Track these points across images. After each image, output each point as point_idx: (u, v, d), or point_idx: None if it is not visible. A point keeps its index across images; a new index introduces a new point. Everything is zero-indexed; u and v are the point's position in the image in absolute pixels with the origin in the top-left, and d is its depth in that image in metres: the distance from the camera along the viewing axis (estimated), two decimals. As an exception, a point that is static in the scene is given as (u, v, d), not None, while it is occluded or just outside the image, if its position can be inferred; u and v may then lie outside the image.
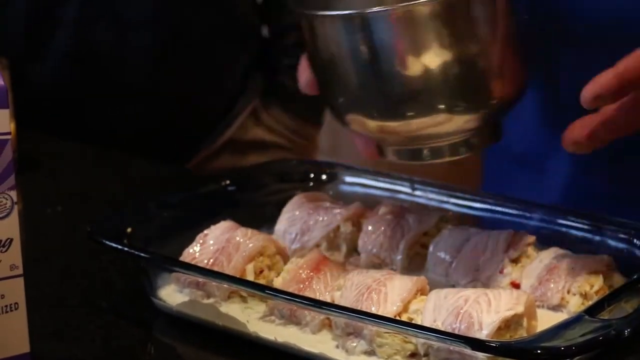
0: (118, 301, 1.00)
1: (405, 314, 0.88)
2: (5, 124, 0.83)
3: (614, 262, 0.94)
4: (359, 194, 1.09)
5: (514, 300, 0.85)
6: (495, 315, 0.84)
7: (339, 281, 0.92)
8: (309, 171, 1.13)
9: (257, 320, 0.92)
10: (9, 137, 0.83)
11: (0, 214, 0.84)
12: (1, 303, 0.84)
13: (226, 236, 0.97)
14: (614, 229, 0.97)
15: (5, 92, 0.83)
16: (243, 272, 0.95)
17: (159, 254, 0.96)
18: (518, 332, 0.85)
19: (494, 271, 0.95)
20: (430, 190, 1.07)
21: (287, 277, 0.93)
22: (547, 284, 0.93)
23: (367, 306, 0.88)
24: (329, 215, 1.03)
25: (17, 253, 0.85)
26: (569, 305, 0.92)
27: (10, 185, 0.83)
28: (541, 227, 1.00)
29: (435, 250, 0.99)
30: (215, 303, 0.94)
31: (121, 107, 1.58)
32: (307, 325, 0.90)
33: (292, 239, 1.02)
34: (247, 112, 1.68)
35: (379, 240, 1.00)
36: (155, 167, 1.42)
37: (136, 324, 0.96)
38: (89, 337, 0.94)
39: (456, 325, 0.84)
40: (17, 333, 0.86)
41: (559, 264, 0.94)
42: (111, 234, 0.97)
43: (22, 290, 0.85)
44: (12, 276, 0.85)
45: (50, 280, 1.02)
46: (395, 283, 0.89)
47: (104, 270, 1.04)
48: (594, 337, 0.79)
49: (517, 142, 1.14)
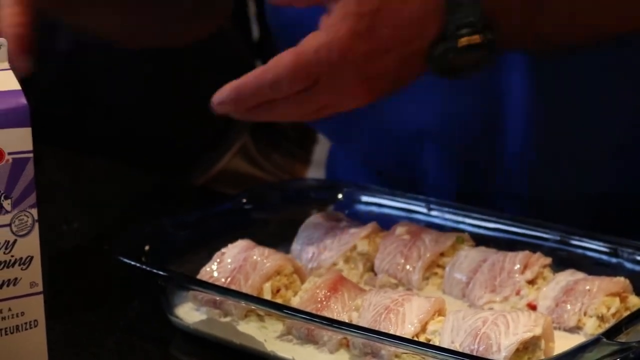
0: (135, 319, 1.00)
1: (423, 334, 0.88)
2: (27, 142, 0.83)
3: (631, 285, 0.94)
4: (375, 213, 1.09)
5: (532, 322, 0.85)
6: (513, 337, 0.84)
7: (356, 301, 0.92)
8: (325, 191, 1.13)
9: (275, 339, 0.92)
10: (30, 155, 0.83)
11: (22, 231, 0.84)
12: (21, 320, 0.84)
13: (243, 255, 0.97)
14: (630, 251, 0.97)
15: (26, 111, 0.83)
16: (260, 290, 0.95)
17: (176, 272, 0.96)
18: (536, 355, 0.85)
19: (510, 292, 0.95)
20: (446, 211, 1.07)
21: (304, 297, 0.93)
22: (563, 305, 0.92)
23: (385, 326, 0.88)
24: (345, 235, 1.03)
25: (37, 270, 0.85)
26: (585, 327, 0.91)
27: (31, 203, 0.84)
28: (557, 248, 1.00)
29: (452, 271, 0.99)
30: (233, 322, 0.94)
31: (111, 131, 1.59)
32: (324, 345, 0.90)
33: (308, 259, 1.02)
34: (237, 147, 1.68)
35: (396, 260, 1.00)
36: (171, 184, 1.42)
37: (153, 341, 0.96)
38: (106, 354, 0.94)
39: (474, 347, 0.84)
40: (37, 349, 0.86)
41: (576, 285, 0.93)
42: (129, 252, 0.96)
43: (42, 307, 0.85)
44: (32, 293, 0.85)
45: (68, 297, 1.02)
46: (414, 304, 0.89)
47: (122, 287, 1.04)
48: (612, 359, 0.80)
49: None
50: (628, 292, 0.93)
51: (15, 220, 0.83)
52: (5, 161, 0.82)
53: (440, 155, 1.17)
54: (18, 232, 0.83)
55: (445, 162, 1.17)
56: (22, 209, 0.83)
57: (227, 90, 0.97)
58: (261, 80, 0.95)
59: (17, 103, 0.82)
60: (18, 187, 0.83)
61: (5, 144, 0.82)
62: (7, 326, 0.84)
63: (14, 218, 0.83)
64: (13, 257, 0.83)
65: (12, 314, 0.84)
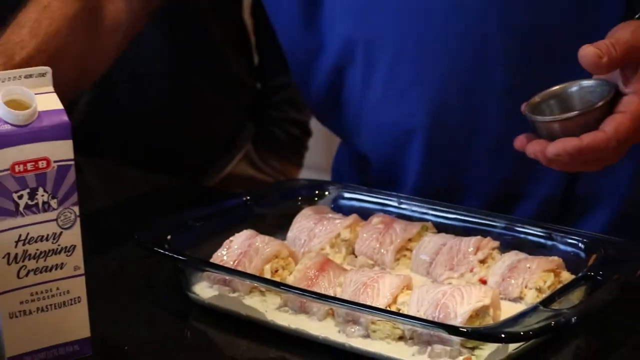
0: (160, 295, 0.99)
1: (394, 305, 0.88)
2: (69, 152, 0.83)
3: (563, 263, 0.94)
4: (356, 207, 1.08)
5: (482, 294, 0.86)
6: (467, 307, 0.84)
7: (340, 278, 0.92)
8: (314, 189, 1.12)
9: (274, 310, 0.92)
10: (72, 162, 0.84)
11: (66, 225, 0.85)
12: (67, 297, 0.85)
13: (248, 242, 0.97)
14: (562, 235, 0.97)
15: (68, 126, 0.83)
16: (262, 271, 0.95)
17: (193, 257, 0.96)
18: (485, 320, 0.85)
19: (465, 270, 0.95)
20: (413, 204, 1.06)
21: (297, 276, 0.93)
22: (508, 280, 0.92)
23: (363, 299, 0.88)
24: (331, 225, 1.03)
25: (79, 257, 0.85)
26: (526, 297, 0.92)
27: (73, 202, 0.84)
28: (504, 233, 1.00)
29: (418, 253, 0.99)
30: (239, 297, 0.94)
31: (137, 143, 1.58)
32: (314, 315, 0.90)
33: (301, 244, 1.02)
34: (241, 154, 1.67)
35: (372, 245, 1.00)
36: (187, 185, 1.42)
37: (175, 314, 0.96)
38: (137, 324, 0.94)
39: (436, 314, 0.85)
40: (80, 321, 0.86)
41: (518, 264, 0.94)
42: (154, 240, 0.97)
43: (84, 287, 0.86)
44: (76, 275, 0.86)
45: (105, 279, 1.02)
46: (386, 280, 0.89)
47: (148, 270, 1.04)
48: (547, 323, 0.80)
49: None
50: (561, 268, 0.94)
51: (61, 216, 0.84)
52: (51, 168, 0.83)
53: (424, 152, 1.13)
54: (63, 225, 0.84)
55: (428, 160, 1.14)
56: (66, 207, 0.84)
57: (571, 148, 0.88)
58: (605, 145, 0.88)
59: (61, 120, 0.83)
60: (62, 189, 0.83)
61: (51, 154, 0.82)
62: (56, 302, 0.85)
63: (59, 214, 0.84)
64: (59, 246, 0.84)
65: (59, 292, 0.85)
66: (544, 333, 0.82)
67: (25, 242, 0.83)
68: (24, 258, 0.83)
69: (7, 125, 0.81)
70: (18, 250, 0.83)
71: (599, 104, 0.89)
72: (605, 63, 0.88)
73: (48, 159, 0.82)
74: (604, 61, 0.88)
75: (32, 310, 0.84)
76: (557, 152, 0.88)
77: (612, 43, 0.89)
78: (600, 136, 0.88)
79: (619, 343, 0.89)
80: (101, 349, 0.88)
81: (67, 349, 0.86)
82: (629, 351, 0.88)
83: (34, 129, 0.81)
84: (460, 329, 0.81)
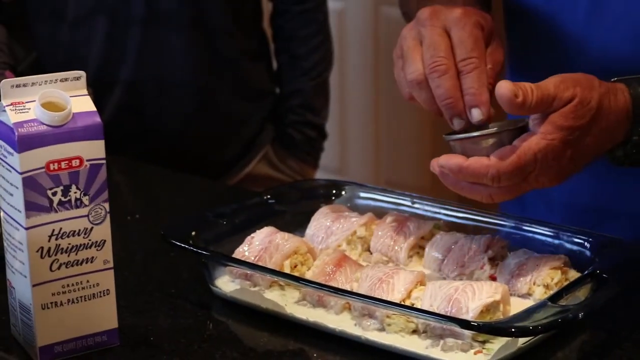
0: (184, 288, 0.99)
1: (408, 299, 0.88)
2: (101, 151, 0.84)
3: (570, 261, 0.94)
4: (371, 206, 1.08)
5: (493, 290, 0.85)
6: (478, 302, 0.84)
7: (356, 274, 0.92)
8: (331, 188, 1.12)
9: (293, 304, 0.92)
10: (103, 161, 0.84)
11: (96, 220, 0.85)
12: (97, 289, 0.86)
13: (268, 238, 0.97)
14: (570, 234, 0.97)
15: (100, 127, 0.84)
16: (281, 266, 0.95)
17: (216, 252, 0.96)
18: (496, 315, 0.85)
19: (476, 267, 0.95)
20: (426, 204, 1.06)
21: (316, 271, 0.93)
22: (517, 277, 0.92)
23: (379, 294, 0.88)
24: (347, 223, 1.02)
25: (108, 251, 0.86)
26: (534, 294, 0.91)
27: (104, 199, 0.85)
28: (513, 232, 0.99)
29: (430, 251, 0.98)
30: (260, 290, 0.94)
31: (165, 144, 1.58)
32: (331, 308, 0.90)
33: (319, 241, 1.02)
34: (261, 155, 1.68)
35: (387, 242, 1.00)
36: (211, 184, 1.42)
37: (198, 306, 0.96)
38: (162, 316, 0.94)
39: (448, 309, 0.84)
40: (108, 312, 0.87)
41: (527, 261, 0.93)
42: (179, 236, 0.96)
43: (112, 280, 0.87)
44: (105, 269, 0.86)
45: (132, 272, 1.02)
46: (401, 276, 0.89)
47: (174, 264, 1.04)
48: (555, 319, 0.80)
49: None
50: (568, 266, 0.93)
51: (92, 212, 0.84)
52: (84, 166, 0.83)
53: None
54: (94, 221, 0.85)
55: None
56: (97, 203, 0.84)
57: (453, 164, 0.87)
58: (484, 170, 0.86)
59: (93, 121, 0.83)
60: (94, 186, 0.84)
61: (84, 153, 0.83)
62: (86, 294, 0.85)
63: (90, 210, 0.84)
64: (90, 241, 0.85)
65: (89, 284, 0.85)
66: (552, 328, 0.82)
67: (58, 237, 0.83)
68: (56, 252, 0.83)
69: (43, 126, 0.82)
70: (51, 244, 0.83)
71: (494, 130, 0.88)
72: (519, 103, 0.85)
73: (81, 158, 0.83)
74: (518, 101, 0.85)
75: (63, 301, 0.84)
76: (441, 163, 0.87)
77: (531, 87, 0.86)
78: (482, 161, 0.86)
79: (624, 338, 0.88)
80: (128, 339, 0.88)
81: (95, 339, 0.86)
82: (633, 346, 0.87)
83: (69, 129, 0.82)
84: (472, 323, 0.81)
